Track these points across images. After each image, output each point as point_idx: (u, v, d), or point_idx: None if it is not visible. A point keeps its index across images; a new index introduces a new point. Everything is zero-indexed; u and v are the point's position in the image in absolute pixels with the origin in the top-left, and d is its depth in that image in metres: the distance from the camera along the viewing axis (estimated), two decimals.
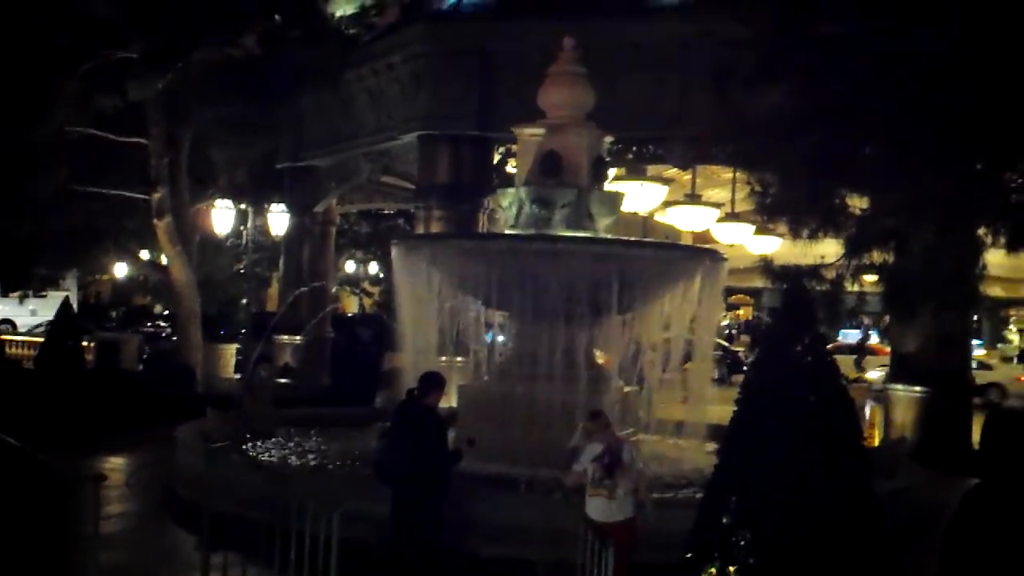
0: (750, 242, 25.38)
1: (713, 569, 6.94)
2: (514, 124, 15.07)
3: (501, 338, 16.70)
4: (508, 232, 14.33)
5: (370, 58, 23.74)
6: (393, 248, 14.82)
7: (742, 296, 49.63)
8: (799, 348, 7.19)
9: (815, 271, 13.79)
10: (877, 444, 17.45)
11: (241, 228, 27.77)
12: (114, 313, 46.39)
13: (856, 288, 14.31)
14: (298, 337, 25.66)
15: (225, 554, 8.51)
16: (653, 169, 23.04)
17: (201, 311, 24.32)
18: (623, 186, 20.61)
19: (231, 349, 28.20)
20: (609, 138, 15.10)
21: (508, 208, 14.30)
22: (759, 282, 15.83)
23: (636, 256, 13.84)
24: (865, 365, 31.86)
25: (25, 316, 41.39)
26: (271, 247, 32.80)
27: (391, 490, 9.18)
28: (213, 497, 9.34)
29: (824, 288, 13.86)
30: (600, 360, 14.40)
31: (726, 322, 48.24)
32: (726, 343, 38.50)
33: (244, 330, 27.36)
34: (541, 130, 14.30)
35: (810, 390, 7.13)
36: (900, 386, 18.48)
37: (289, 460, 13.77)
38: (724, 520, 7.02)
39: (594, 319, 13.68)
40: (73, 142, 21.93)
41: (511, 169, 20.47)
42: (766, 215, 15.29)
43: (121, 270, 38.41)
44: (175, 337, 26.74)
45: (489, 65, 21.81)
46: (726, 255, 14.64)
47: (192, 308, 23.96)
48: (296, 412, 17.38)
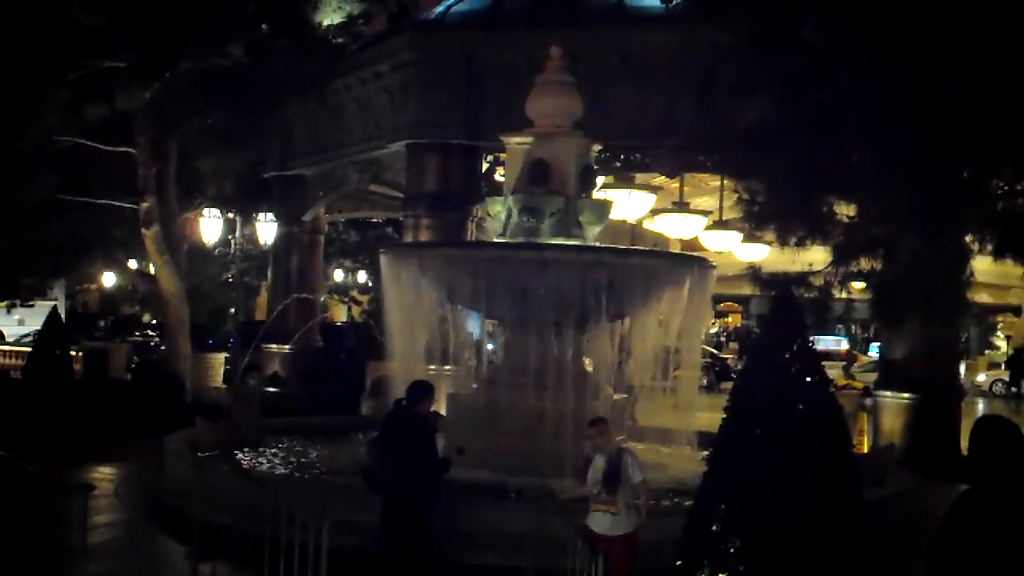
0: (738, 250, 25.44)
1: None
2: (502, 133, 15.10)
3: (490, 346, 16.71)
4: (497, 240, 14.34)
5: (358, 67, 23.75)
6: (381, 257, 14.81)
7: (731, 304, 49.70)
8: (788, 355, 7.21)
9: (803, 278, 13.85)
10: (866, 451, 17.50)
11: (229, 237, 27.71)
12: (102, 323, 46.25)
13: (844, 295, 14.38)
14: (287, 346, 25.64)
15: (214, 564, 8.50)
16: (641, 177, 23.09)
17: (189, 320, 24.25)
18: (611, 194, 20.66)
19: (219, 358, 28.13)
20: (597, 146, 15.14)
21: (496, 216, 14.31)
22: (747, 289, 15.85)
23: (625, 264, 13.87)
24: (855, 371, 31.95)
25: (12, 326, 41.29)
26: (259, 256, 32.75)
27: (381, 499, 9.17)
28: (202, 507, 9.32)
29: (812, 295, 13.93)
30: (589, 368, 14.40)
31: (715, 329, 48.34)
32: (715, 350, 38.59)
33: (232, 339, 27.30)
34: (529, 139, 14.32)
35: (799, 397, 7.15)
36: (889, 393, 18.54)
37: (278, 469, 13.74)
38: (714, 527, 7.03)
39: (583, 327, 13.69)
40: (60, 151, 21.86)
41: (499, 178, 20.48)
42: (754, 223, 15.37)
43: (109, 279, 38.32)
44: (163, 347, 26.65)
45: (477, 74, 21.85)
46: (714, 263, 14.67)
47: (180, 317, 23.89)
48: (285, 421, 17.35)
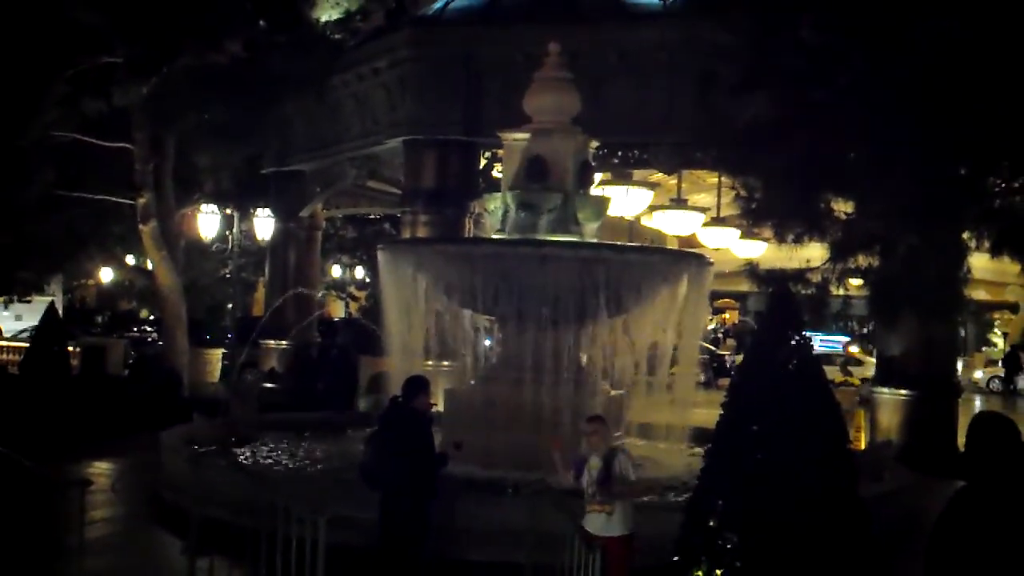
0: (736, 246, 25.49)
1: (700, 572, 6.97)
2: (500, 129, 15.10)
3: (488, 342, 16.71)
4: (494, 237, 14.34)
5: (356, 63, 23.74)
6: (379, 253, 14.81)
7: (728, 300, 49.70)
8: (785, 352, 7.22)
9: (800, 275, 13.86)
10: (863, 447, 17.51)
11: (227, 233, 27.70)
12: (100, 318, 46.20)
13: (841, 292, 14.40)
14: (284, 342, 25.62)
15: (211, 559, 8.48)
16: (639, 174, 23.12)
17: (187, 316, 24.26)
18: (609, 191, 20.68)
19: (217, 354, 28.14)
20: (595, 143, 15.13)
21: (494, 213, 14.31)
22: (745, 286, 15.86)
23: (622, 260, 13.85)
24: (851, 369, 31.93)
25: (10, 321, 41.21)
26: (257, 252, 32.73)
27: (379, 494, 9.17)
28: (199, 502, 9.32)
29: (809, 292, 13.94)
30: (586, 364, 14.41)
31: (712, 326, 48.31)
32: (712, 347, 38.58)
33: (230, 335, 27.29)
34: (527, 135, 14.32)
35: (796, 393, 7.16)
36: (886, 389, 18.55)
37: (276, 465, 13.75)
38: (711, 523, 7.04)
39: (580, 323, 13.69)
40: (58, 147, 21.86)
41: (497, 174, 20.49)
42: (751, 220, 15.39)
43: (107, 275, 38.27)
44: (161, 342, 26.65)
45: (475, 70, 21.84)
46: (712, 259, 14.67)
47: (178, 313, 23.89)
48: (282, 417, 17.35)
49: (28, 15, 19.61)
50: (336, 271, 47.06)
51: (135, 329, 40.63)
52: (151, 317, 40.99)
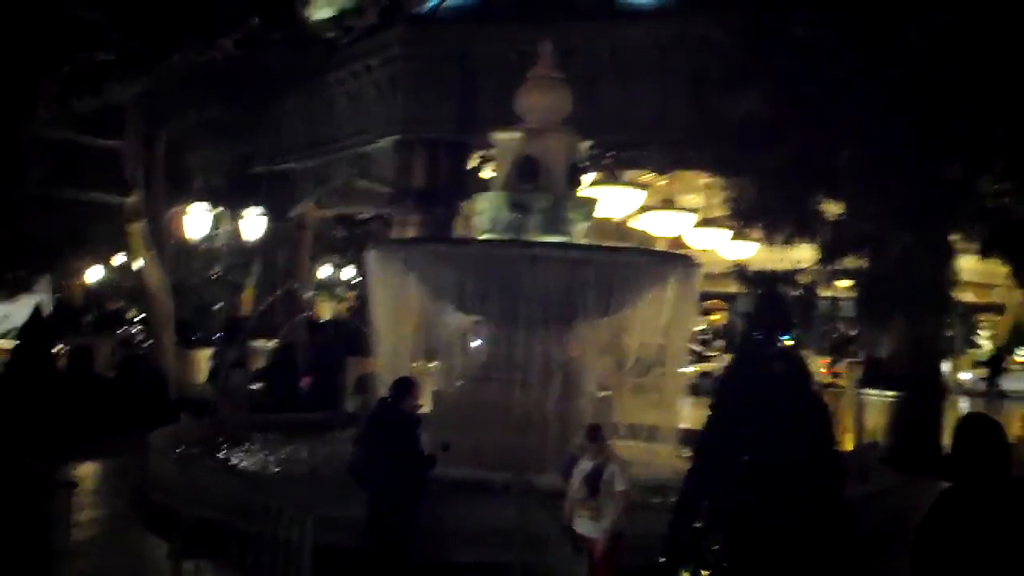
0: (725, 248, 25.48)
1: (686, 573, 6.95)
2: (491, 129, 15.07)
3: (476, 343, 16.66)
4: (484, 237, 14.31)
5: (348, 61, 23.72)
6: (368, 253, 14.77)
7: (717, 301, 49.69)
8: (772, 352, 7.22)
9: (789, 276, 13.89)
10: (850, 448, 17.53)
11: (216, 232, 27.64)
12: (87, 318, 45.97)
13: (830, 293, 14.43)
14: (273, 342, 25.51)
15: (197, 561, 8.46)
16: (629, 175, 23.10)
17: (175, 316, 24.17)
18: (600, 191, 20.65)
19: (205, 354, 27.99)
20: (587, 143, 15.11)
21: (484, 213, 14.29)
22: (734, 288, 15.88)
23: (612, 262, 13.84)
24: (840, 370, 31.94)
25: None
26: (246, 252, 32.64)
27: (367, 495, 9.15)
28: (187, 503, 9.29)
29: (798, 293, 13.98)
30: (574, 365, 14.38)
31: (701, 327, 48.27)
32: (701, 348, 38.55)
33: (219, 335, 27.17)
34: (519, 135, 14.29)
35: (783, 395, 7.15)
36: (873, 390, 18.57)
37: (263, 465, 13.69)
38: (697, 524, 7.03)
39: (569, 324, 13.67)
40: (47, 145, 21.76)
41: (487, 175, 20.47)
42: (742, 220, 15.41)
43: (95, 274, 38.11)
44: (149, 342, 26.55)
45: (467, 69, 21.81)
46: (701, 260, 14.66)
47: (166, 313, 23.80)
48: (270, 417, 17.28)
49: (22, 11, 19.52)
50: (326, 271, 46.90)
51: (123, 329, 40.42)
52: (139, 317, 40.80)
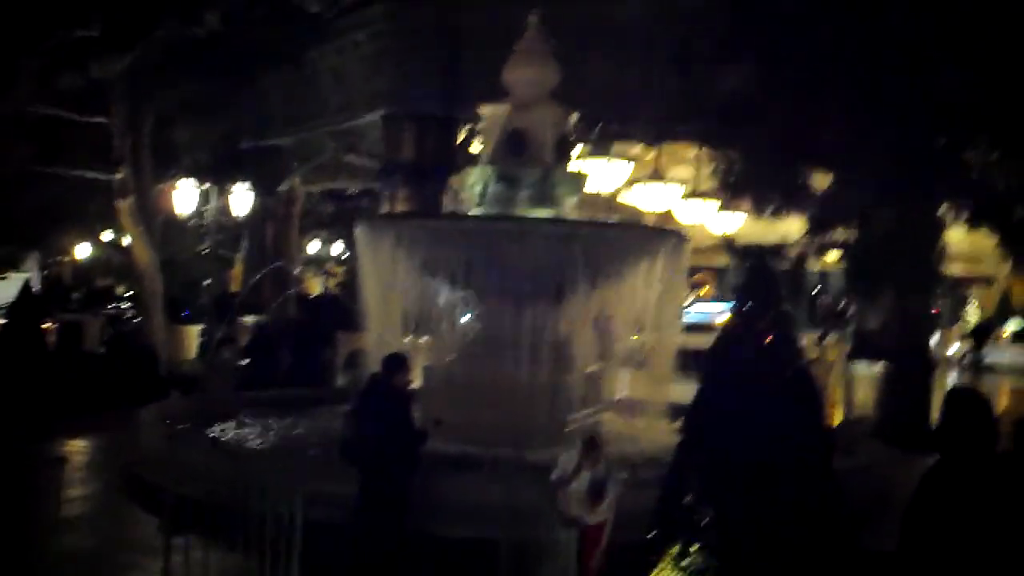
0: (713, 221, 25.42)
1: (676, 547, 6.98)
2: (480, 101, 15.00)
3: (466, 318, 16.66)
4: (473, 212, 14.27)
5: (334, 36, 23.55)
6: (357, 228, 14.72)
7: (705, 275, 49.75)
8: (761, 326, 7.23)
9: (778, 249, 13.90)
10: (838, 422, 17.60)
11: (204, 208, 27.54)
12: (76, 295, 45.85)
13: (819, 266, 14.45)
14: (262, 318, 25.48)
15: (187, 537, 8.47)
16: (617, 147, 23.03)
17: (164, 292, 24.12)
18: (588, 164, 20.59)
19: (194, 330, 27.96)
20: (574, 116, 15.05)
21: (473, 187, 14.24)
22: (722, 261, 15.88)
23: (603, 236, 13.82)
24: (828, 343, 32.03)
25: None
26: (234, 227, 32.54)
27: (357, 471, 9.15)
28: (176, 479, 9.28)
29: (787, 266, 13.99)
30: (564, 340, 14.39)
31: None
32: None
33: (208, 311, 27.12)
34: (506, 108, 14.23)
35: (772, 367, 7.17)
36: (861, 364, 18.60)
37: (253, 441, 13.69)
38: (687, 498, 7.05)
39: (559, 299, 13.66)
40: (34, 122, 21.64)
41: (475, 149, 20.40)
42: (730, 193, 15.39)
43: (83, 251, 38.00)
44: (138, 319, 26.50)
45: (454, 43, 21.67)
46: (690, 234, 14.64)
47: (155, 289, 23.76)
48: (260, 393, 17.27)
49: None
50: (315, 247, 46.81)
51: (112, 306, 40.30)
52: (128, 294, 40.71)
